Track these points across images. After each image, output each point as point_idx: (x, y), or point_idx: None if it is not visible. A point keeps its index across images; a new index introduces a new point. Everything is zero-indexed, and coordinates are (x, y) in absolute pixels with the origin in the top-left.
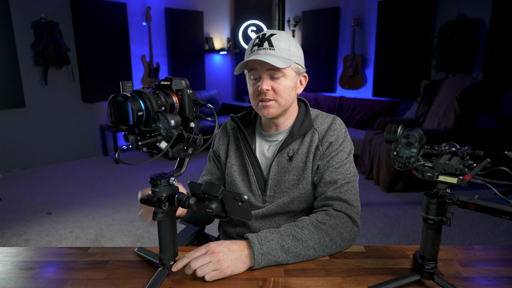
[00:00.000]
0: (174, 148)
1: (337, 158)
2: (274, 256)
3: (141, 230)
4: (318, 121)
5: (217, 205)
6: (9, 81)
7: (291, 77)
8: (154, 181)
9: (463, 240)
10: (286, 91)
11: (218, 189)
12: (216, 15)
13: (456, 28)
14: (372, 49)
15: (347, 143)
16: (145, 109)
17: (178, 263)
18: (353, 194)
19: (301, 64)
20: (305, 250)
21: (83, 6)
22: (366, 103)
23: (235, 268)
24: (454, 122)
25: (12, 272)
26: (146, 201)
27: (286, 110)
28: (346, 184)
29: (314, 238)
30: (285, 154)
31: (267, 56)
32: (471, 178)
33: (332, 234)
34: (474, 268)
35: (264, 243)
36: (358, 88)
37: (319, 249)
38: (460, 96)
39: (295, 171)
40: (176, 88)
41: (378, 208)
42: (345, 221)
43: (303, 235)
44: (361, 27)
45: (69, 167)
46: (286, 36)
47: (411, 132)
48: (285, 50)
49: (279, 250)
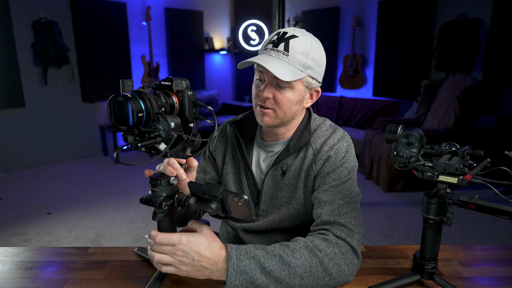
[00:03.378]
0: (173, 149)
1: (335, 174)
2: (251, 277)
3: (141, 230)
4: (316, 135)
5: (217, 205)
6: (9, 81)
7: (298, 91)
8: (154, 181)
9: (463, 240)
10: (287, 104)
11: (218, 189)
12: (216, 15)
13: (456, 28)
14: (372, 49)
15: (349, 158)
16: (145, 110)
17: (148, 237)
18: (355, 218)
19: (316, 78)
20: (291, 277)
21: (83, 6)
22: (366, 103)
23: (195, 275)
24: (454, 122)
25: (12, 272)
26: (146, 201)
27: (286, 122)
28: (346, 206)
29: (305, 265)
30: (279, 168)
31: (275, 63)
32: (471, 178)
33: (328, 264)
34: (474, 268)
35: (243, 260)
36: (358, 88)
37: (307, 279)
38: (460, 96)
39: (287, 188)
40: (177, 89)
41: (378, 208)
42: (346, 251)
43: (292, 259)
44: (361, 27)
45: (69, 167)
46: (309, 42)
47: (411, 132)
48: (301, 59)
49: (258, 271)
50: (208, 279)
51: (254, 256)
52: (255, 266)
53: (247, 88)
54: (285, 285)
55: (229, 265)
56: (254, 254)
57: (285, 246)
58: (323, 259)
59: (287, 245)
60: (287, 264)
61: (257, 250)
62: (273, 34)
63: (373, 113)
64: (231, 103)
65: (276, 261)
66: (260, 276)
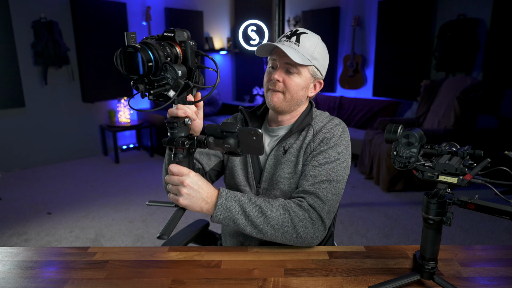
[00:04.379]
0: (180, 96)
1: (326, 154)
2: (234, 216)
3: (141, 230)
4: (317, 119)
5: (234, 141)
6: (9, 81)
7: (305, 77)
8: (171, 124)
9: (463, 240)
10: (295, 88)
11: (235, 126)
12: (216, 15)
13: (456, 28)
14: (372, 49)
15: (342, 142)
16: (154, 60)
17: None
18: (332, 194)
19: (320, 70)
20: (264, 226)
21: (83, 6)
22: (366, 103)
23: (191, 207)
24: (454, 122)
25: (12, 272)
26: (169, 142)
27: (291, 107)
28: (328, 182)
29: (278, 219)
30: (281, 147)
31: (289, 48)
32: (471, 178)
33: (297, 224)
34: (474, 268)
35: (230, 200)
36: (358, 88)
37: (278, 231)
38: (460, 96)
39: (287, 164)
40: (179, 40)
41: (378, 208)
42: (315, 218)
43: (269, 211)
44: (361, 27)
45: (69, 167)
46: (316, 40)
47: (411, 132)
48: (309, 50)
49: (240, 213)
50: (207, 281)
51: (239, 200)
52: (239, 208)
53: (247, 88)
54: (259, 230)
55: (218, 201)
56: (239, 199)
57: (267, 201)
58: (294, 218)
59: (268, 200)
60: (264, 214)
61: (243, 197)
62: (287, 31)
63: (373, 113)
64: (231, 103)
65: (256, 209)
66: (241, 217)
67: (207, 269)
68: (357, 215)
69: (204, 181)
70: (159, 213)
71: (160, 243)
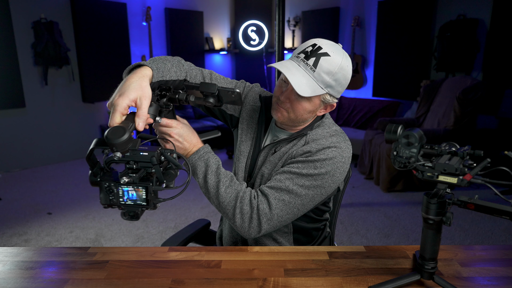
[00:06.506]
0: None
1: (301, 165)
2: (197, 173)
3: (141, 230)
4: (316, 131)
5: (214, 99)
6: (9, 81)
7: (314, 103)
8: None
9: (463, 240)
10: (301, 111)
11: (214, 87)
12: (216, 15)
13: (456, 28)
14: (372, 49)
15: (327, 166)
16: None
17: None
18: (285, 205)
19: (334, 95)
20: (213, 197)
21: (83, 6)
22: (366, 103)
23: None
24: (454, 122)
25: (12, 272)
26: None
27: (295, 124)
28: (286, 192)
29: (226, 200)
30: (273, 148)
31: (300, 76)
32: (471, 178)
33: (237, 214)
34: (474, 268)
35: (200, 160)
36: (358, 88)
37: (221, 208)
38: (460, 96)
39: (269, 165)
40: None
41: (378, 208)
42: (254, 219)
43: (222, 189)
44: (361, 27)
45: (69, 167)
46: (338, 63)
47: (411, 132)
48: (325, 78)
49: (202, 174)
50: (207, 281)
51: (207, 165)
52: (204, 170)
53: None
54: (208, 197)
55: (192, 155)
56: (209, 163)
57: (230, 179)
58: (237, 208)
59: (232, 179)
60: (218, 188)
61: (213, 164)
62: (309, 43)
63: (373, 113)
64: None
65: (214, 180)
66: (201, 178)
67: (207, 269)
68: (357, 215)
69: (190, 134)
70: (159, 213)
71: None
